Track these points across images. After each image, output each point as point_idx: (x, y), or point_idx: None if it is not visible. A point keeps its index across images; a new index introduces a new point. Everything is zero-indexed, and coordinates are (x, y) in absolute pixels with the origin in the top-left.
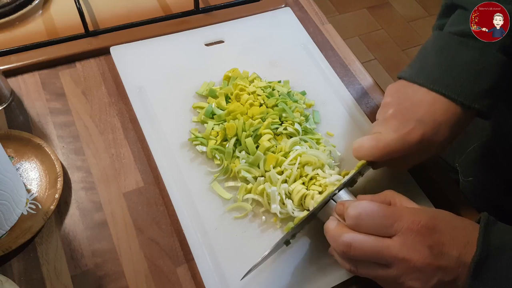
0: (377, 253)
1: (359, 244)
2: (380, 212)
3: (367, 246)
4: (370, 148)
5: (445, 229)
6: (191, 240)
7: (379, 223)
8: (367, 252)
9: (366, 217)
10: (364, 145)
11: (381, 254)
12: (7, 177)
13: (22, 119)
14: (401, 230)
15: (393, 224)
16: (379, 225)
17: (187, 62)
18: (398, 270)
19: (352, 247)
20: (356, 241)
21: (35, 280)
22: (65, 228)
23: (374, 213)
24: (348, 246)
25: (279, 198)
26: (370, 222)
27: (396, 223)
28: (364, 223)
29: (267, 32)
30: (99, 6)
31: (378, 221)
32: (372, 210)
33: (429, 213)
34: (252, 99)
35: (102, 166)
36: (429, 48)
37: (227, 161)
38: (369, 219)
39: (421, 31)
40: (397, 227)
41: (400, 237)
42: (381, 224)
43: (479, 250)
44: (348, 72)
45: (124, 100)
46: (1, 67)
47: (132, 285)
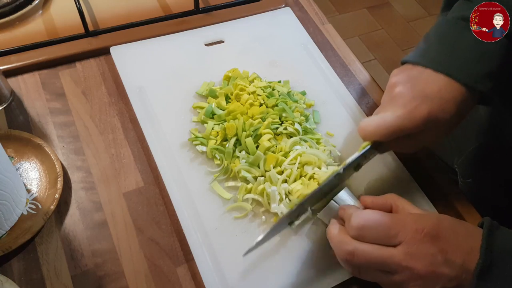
0: (380, 261)
1: (363, 253)
2: (383, 223)
3: (370, 255)
4: (376, 126)
5: (449, 236)
6: (191, 240)
7: (383, 234)
8: (370, 260)
9: (369, 229)
10: (370, 124)
11: (384, 263)
12: (7, 177)
13: (22, 119)
14: (405, 240)
15: (397, 234)
16: (383, 236)
17: (187, 62)
18: (401, 277)
19: (355, 256)
20: (359, 250)
21: (35, 280)
22: (65, 228)
23: (377, 225)
24: (351, 255)
25: (279, 198)
26: (374, 233)
27: (400, 233)
28: (367, 234)
29: (267, 32)
30: (99, 6)
31: (382, 232)
32: (375, 221)
33: (432, 220)
34: (252, 99)
35: (102, 166)
36: (433, 33)
37: (227, 161)
38: (373, 230)
39: (421, 31)
40: (400, 237)
41: (404, 246)
42: (385, 235)
43: (483, 258)
44: (348, 72)
45: (124, 100)
46: (1, 67)
47: (132, 285)
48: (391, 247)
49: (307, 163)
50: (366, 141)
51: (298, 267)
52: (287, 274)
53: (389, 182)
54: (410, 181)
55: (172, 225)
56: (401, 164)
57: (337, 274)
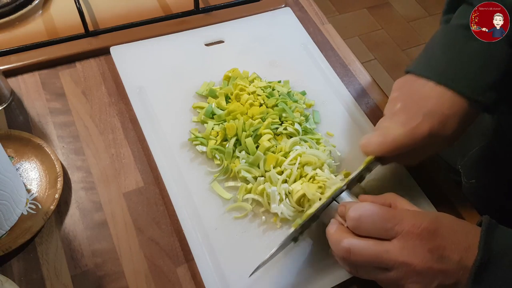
0: (376, 258)
1: (358, 250)
2: (380, 214)
3: (366, 251)
4: (378, 143)
5: (446, 232)
6: (191, 240)
7: (379, 225)
8: (366, 257)
9: (366, 219)
10: (372, 141)
11: (380, 259)
12: (7, 177)
13: (22, 119)
14: (402, 233)
15: (394, 227)
16: (380, 227)
17: (187, 62)
18: (398, 274)
19: (351, 253)
20: (355, 247)
21: (35, 280)
22: (65, 228)
23: (374, 216)
24: (348, 252)
25: (279, 198)
26: (371, 224)
27: (397, 226)
28: (364, 225)
29: (267, 32)
30: (99, 6)
31: (379, 224)
32: (372, 212)
33: (430, 216)
34: (252, 99)
35: (102, 166)
36: (436, 42)
37: (227, 161)
38: (370, 221)
39: (421, 31)
40: (397, 229)
41: (400, 240)
42: (382, 226)
43: (480, 254)
44: (348, 72)
45: (124, 100)
46: (1, 67)
47: (132, 285)
48: (387, 241)
49: (307, 163)
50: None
51: (298, 266)
52: (287, 273)
53: (389, 183)
54: (410, 181)
55: (172, 225)
56: (402, 165)
57: (336, 274)
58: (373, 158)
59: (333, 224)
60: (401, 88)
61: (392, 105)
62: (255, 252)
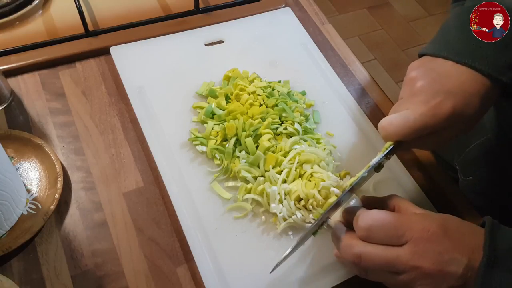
0: (387, 263)
1: (369, 256)
2: (391, 222)
3: (377, 257)
4: (399, 125)
5: (455, 235)
6: (191, 240)
7: (390, 233)
8: (377, 263)
9: (377, 229)
10: (393, 123)
11: (391, 264)
12: (7, 177)
13: (22, 119)
14: (412, 239)
15: (404, 234)
16: (391, 235)
17: (187, 62)
18: (408, 277)
19: (362, 259)
20: (366, 254)
21: (35, 280)
22: (65, 228)
23: (385, 224)
24: (358, 257)
25: (279, 198)
26: (382, 234)
27: (407, 232)
28: (375, 235)
29: (267, 32)
30: (99, 6)
31: (390, 232)
32: (383, 222)
33: (438, 219)
34: (252, 99)
35: (102, 166)
36: (451, 24)
37: (227, 161)
38: (381, 230)
39: (421, 31)
40: (408, 236)
41: (411, 245)
42: (393, 234)
43: (486, 255)
44: (348, 72)
45: (124, 100)
46: (1, 67)
47: (132, 285)
48: (397, 246)
49: (306, 161)
50: (388, 141)
51: (299, 265)
52: (287, 273)
53: (389, 183)
54: (410, 181)
55: (172, 225)
56: (401, 164)
57: (338, 273)
58: (393, 143)
59: (340, 228)
60: (419, 67)
61: (409, 86)
62: (255, 252)
